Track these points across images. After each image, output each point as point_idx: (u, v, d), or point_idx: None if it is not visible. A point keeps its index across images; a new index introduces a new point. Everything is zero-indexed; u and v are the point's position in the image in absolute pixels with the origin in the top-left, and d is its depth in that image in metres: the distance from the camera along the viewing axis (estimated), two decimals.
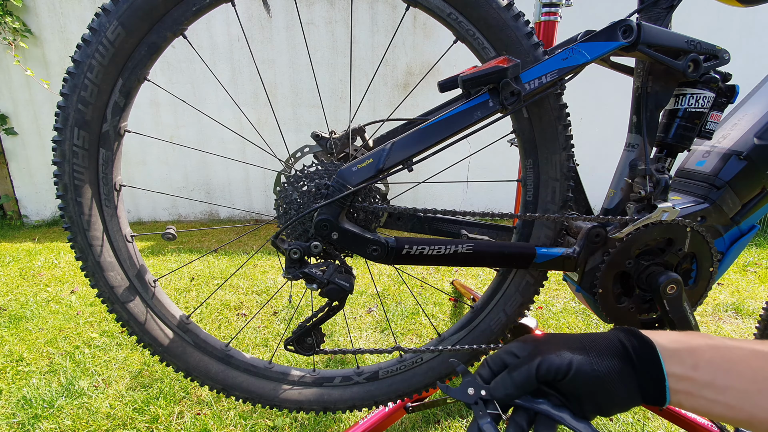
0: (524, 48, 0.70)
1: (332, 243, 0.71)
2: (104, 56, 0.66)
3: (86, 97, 0.67)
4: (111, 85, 0.68)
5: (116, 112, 0.70)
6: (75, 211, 0.72)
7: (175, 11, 0.67)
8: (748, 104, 0.90)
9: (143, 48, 0.68)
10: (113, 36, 0.65)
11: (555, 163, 0.75)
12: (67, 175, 0.70)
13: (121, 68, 0.68)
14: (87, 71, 0.66)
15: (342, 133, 0.83)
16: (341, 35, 3.29)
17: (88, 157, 0.70)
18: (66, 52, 3.24)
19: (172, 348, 0.82)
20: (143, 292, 0.80)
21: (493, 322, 0.87)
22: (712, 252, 0.79)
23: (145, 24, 0.66)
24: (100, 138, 0.71)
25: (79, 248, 0.74)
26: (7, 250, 2.80)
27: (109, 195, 0.74)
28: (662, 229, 0.76)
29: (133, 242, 0.80)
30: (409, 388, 0.89)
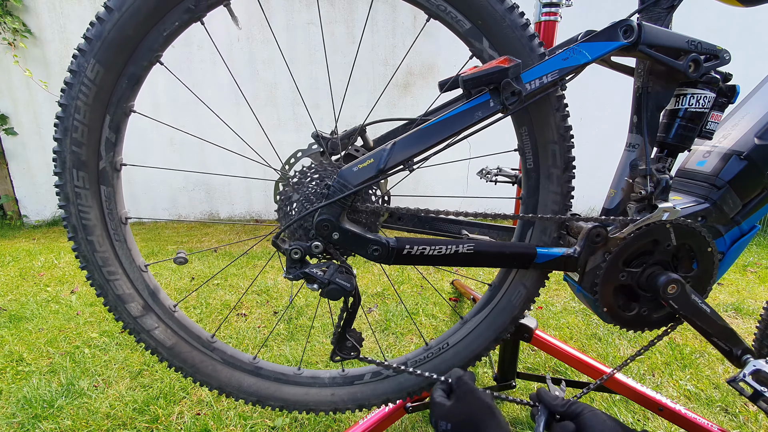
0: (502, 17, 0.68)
1: (333, 243, 0.71)
2: (88, 96, 0.67)
3: (78, 138, 0.68)
4: (100, 123, 0.69)
5: (109, 148, 0.72)
6: (88, 250, 0.74)
7: (147, 40, 0.67)
8: (749, 104, 0.90)
9: (124, 81, 0.69)
10: (93, 74, 0.66)
11: (551, 125, 0.74)
12: (75, 217, 0.72)
13: (107, 104, 0.69)
14: (74, 113, 0.67)
15: (342, 133, 0.83)
16: (341, 35, 3.29)
17: (90, 196, 0.72)
18: (66, 52, 3.24)
19: (202, 368, 0.84)
20: (166, 318, 0.82)
21: (513, 296, 0.85)
22: (712, 252, 0.79)
23: (121, 57, 0.67)
24: (99, 176, 0.72)
25: (98, 285, 0.76)
26: (7, 250, 2.80)
27: (117, 229, 0.76)
28: (647, 231, 0.76)
29: (147, 271, 0.81)
30: (439, 376, 0.88)
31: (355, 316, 0.78)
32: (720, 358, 1.58)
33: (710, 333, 0.81)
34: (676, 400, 1.36)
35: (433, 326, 1.81)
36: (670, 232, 0.75)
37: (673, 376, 1.47)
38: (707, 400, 1.35)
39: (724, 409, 1.32)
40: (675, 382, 1.45)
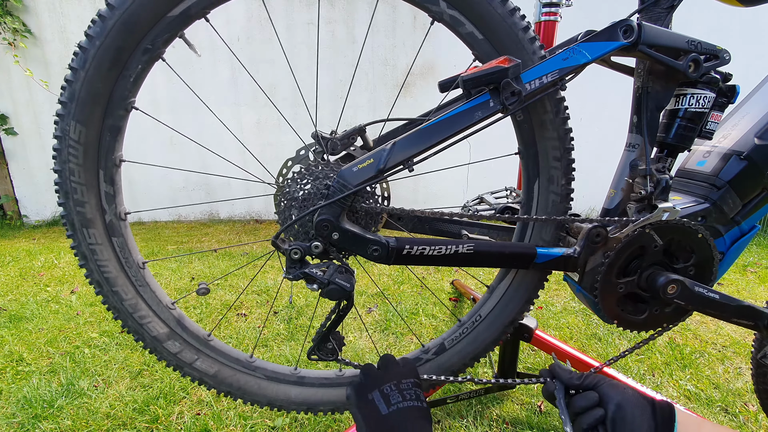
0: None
1: (333, 243, 0.71)
2: (78, 156, 0.69)
3: (80, 198, 0.71)
4: (96, 179, 0.72)
5: (110, 200, 0.74)
6: (116, 300, 0.77)
7: (117, 89, 0.68)
8: (749, 104, 0.90)
9: (106, 134, 0.70)
10: (76, 135, 0.68)
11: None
12: (96, 272, 0.75)
13: (97, 160, 0.71)
14: (70, 176, 0.69)
15: (342, 133, 0.83)
16: (341, 35, 3.29)
17: (105, 250, 0.75)
18: (66, 52, 3.24)
19: (248, 389, 0.86)
20: (204, 348, 0.85)
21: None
22: (713, 251, 0.78)
23: (97, 112, 0.68)
24: (108, 229, 0.75)
25: (134, 331, 0.79)
26: (7, 250, 2.80)
27: (137, 275, 0.78)
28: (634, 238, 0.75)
29: (175, 308, 0.84)
30: (479, 348, 0.88)
31: (342, 319, 0.77)
32: (720, 358, 1.58)
33: (727, 316, 0.81)
34: (676, 400, 1.36)
35: (433, 326, 1.81)
36: (652, 235, 0.75)
37: (673, 376, 1.47)
38: (707, 400, 1.35)
39: (724, 409, 1.32)
40: (675, 382, 1.45)
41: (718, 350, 1.65)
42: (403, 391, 0.66)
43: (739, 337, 1.74)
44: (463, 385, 1.44)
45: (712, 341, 1.70)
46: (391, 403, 0.64)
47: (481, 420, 1.27)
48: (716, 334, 1.76)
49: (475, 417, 1.28)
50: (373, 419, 0.62)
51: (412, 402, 0.64)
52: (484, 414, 1.29)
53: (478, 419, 1.27)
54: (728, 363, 1.56)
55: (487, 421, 1.27)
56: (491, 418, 1.28)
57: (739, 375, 1.49)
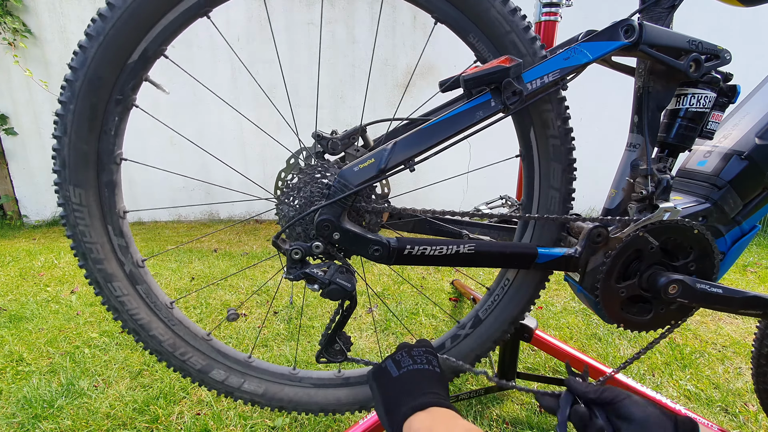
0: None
1: (334, 243, 0.71)
2: (84, 217, 0.71)
3: (97, 257, 0.74)
4: (106, 235, 0.74)
5: (125, 251, 0.77)
6: (156, 344, 0.80)
7: (102, 146, 0.70)
8: (749, 104, 0.90)
9: (104, 190, 0.73)
10: (78, 198, 0.70)
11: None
12: (131, 322, 0.78)
13: (103, 217, 0.73)
14: (83, 237, 0.72)
15: (342, 133, 0.83)
16: (341, 35, 3.29)
17: (133, 299, 0.78)
18: (66, 52, 3.24)
19: (298, 399, 0.87)
20: (248, 370, 0.86)
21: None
22: (711, 245, 0.78)
23: (90, 172, 0.70)
24: (130, 278, 0.78)
25: (179, 368, 0.82)
26: (7, 250, 2.80)
27: (168, 315, 0.81)
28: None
29: (212, 338, 0.86)
30: (515, 310, 0.86)
31: (348, 319, 0.77)
32: (720, 358, 1.58)
33: (734, 309, 0.80)
34: (676, 400, 1.36)
35: (433, 326, 1.81)
36: (647, 237, 0.75)
37: (673, 376, 1.47)
38: (707, 400, 1.35)
39: (724, 409, 1.32)
40: (675, 382, 1.45)
41: (718, 350, 1.65)
42: (414, 356, 0.68)
43: (739, 337, 1.74)
44: (464, 384, 1.44)
45: (712, 341, 1.70)
46: (401, 366, 0.66)
47: (481, 420, 1.27)
48: (716, 334, 1.76)
49: (475, 417, 1.28)
50: (385, 383, 0.65)
51: (423, 365, 0.66)
52: (484, 414, 1.29)
53: (478, 419, 1.27)
54: (728, 363, 1.56)
55: (487, 421, 1.27)
56: (491, 418, 1.28)
57: (739, 375, 1.49)
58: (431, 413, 0.57)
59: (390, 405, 0.61)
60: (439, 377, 0.65)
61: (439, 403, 0.58)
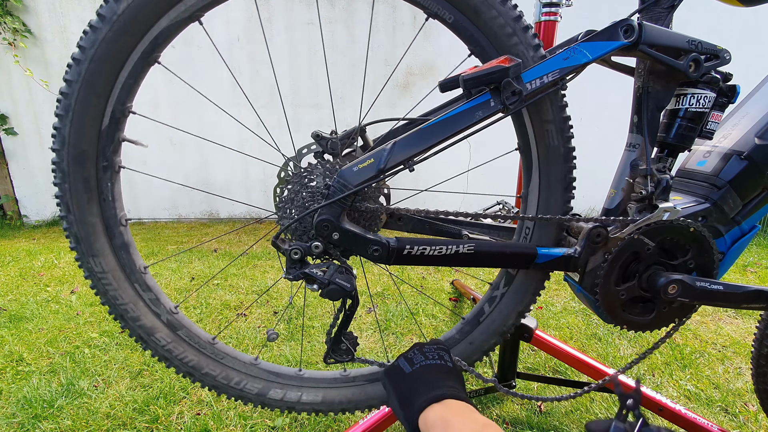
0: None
1: (333, 243, 0.71)
2: (111, 283, 0.75)
3: (134, 315, 0.77)
4: (136, 293, 0.77)
5: (157, 304, 0.79)
6: (211, 379, 0.83)
7: (106, 213, 0.73)
8: (749, 104, 0.90)
9: (121, 252, 0.76)
10: (99, 267, 0.74)
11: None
12: (183, 366, 0.81)
13: (128, 278, 0.77)
14: (116, 301, 0.76)
15: (342, 133, 0.83)
16: (341, 35, 3.29)
17: (178, 344, 0.81)
18: (66, 52, 3.24)
19: (357, 398, 0.88)
20: (302, 383, 0.87)
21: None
22: (708, 242, 0.78)
23: (103, 240, 0.74)
24: (170, 327, 0.81)
25: (239, 396, 0.84)
26: (7, 250, 2.80)
27: (214, 351, 0.83)
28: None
29: (259, 361, 0.87)
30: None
31: (351, 319, 0.77)
32: (720, 358, 1.58)
33: (737, 304, 0.80)
34: (676, 400, 1.36)
35: (433, 326, 1.81)
36: (642, 239, 0.75)
37: (673, 376, 1.47)
38: (707, 400, 1.35)
39: (724, 409, 1.32)
40: (675, 382, 1.45)
41: (718, 350, 1.65)
42: (426, 353, 0.68)
43: (739, 337, 1.74)
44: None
45: (712, 341, 1.70)
46: (414, 363, 0.66)
47: None
48: (716, 334, 1.76)
49: None
50: (398, 379, 0.65)
51: (435, 360, 0.66)
52: (485, 414, 1.29)
53: None
54: (728, 363, 1.56)
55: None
56: (491, 418, 1.28)
57: (739, 375, 1.49)
58: (446, 405, 0.57)
59: (405, 400, 0.61)
60: (453, 371, 0.65)
61: (454, 395, 0.58)
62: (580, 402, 1.34)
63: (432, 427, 0.54)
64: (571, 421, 1.26)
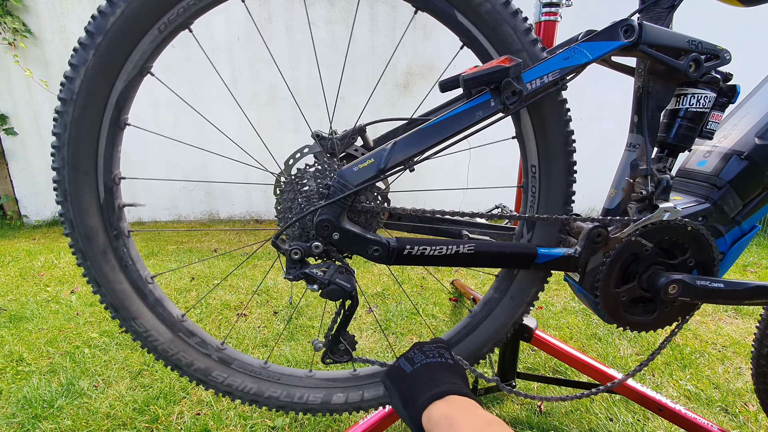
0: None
1: (333, 243, 0.71)
2: (157, 338, 0.78)
3: (188, 361, 0.80)
4: (182, 341, 0.80)
5: (204, 345, 0.82)
6: (265, 399, 0.84)
7: (133, 282, 0.77)
8: (749, 104, 0.90)
9: (157, 308, 0.79)
10: (142, 327, 0.78)
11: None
12: (243, 395, 0.83)
13: (169, 328, 0.79)
14: (167, 354, 0.79)
15: (342, 133, 0.83)
16: (341, 35, 3.29)
17: (236, 377, 0.83)
18: (66, 52, 3.24)
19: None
20: (359, 382, 0.88)
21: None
22: (707, 240, 0.78)
23: (137, 303, 0.77)
24: (222, 362, 0.83)
25: (299, 408, 0.85)
26: (7, 250, 2.80)
27: (262, 372, 0.85)
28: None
29: (313, 372, 0.88)
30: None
31: (351, 319, 0.77)
32: (720, 358, 1.58)
33: (739, 301, 0.80)
34: (676, 400, 1.36)
35: (433, 326, 1.81)
36: (640, 241, 0.75)
37: (673, 376, 1.47)
38: (707, 400, 1.35)
39: (724, 409, 1.32)
40: (675, 382, 1.45)
41: (718, 350, 1.65)
42: (426, 351, 0.68)
43: (739, 337, 1.74)
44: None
45: (712, 341, 1.70)
46: (414, 362, 0.66)
47: None
48: (716, 334, 1.76)
49: None
50: (400, 379, 0.65)
51: (435, 359, 0.66)
52: None
53: None
54: (728, 363, 1.56)
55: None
56: None
57: (739, 375, 1.49)
58: (450, 401, 0.56)
59: (407, 398, 0.61)
60: (454, 368, 0.65)
61: (457, 391, 0.58)
62: (580, 402, 1.34)
63: (436, 424, 0.54)
64: (571, 421, 1.26)
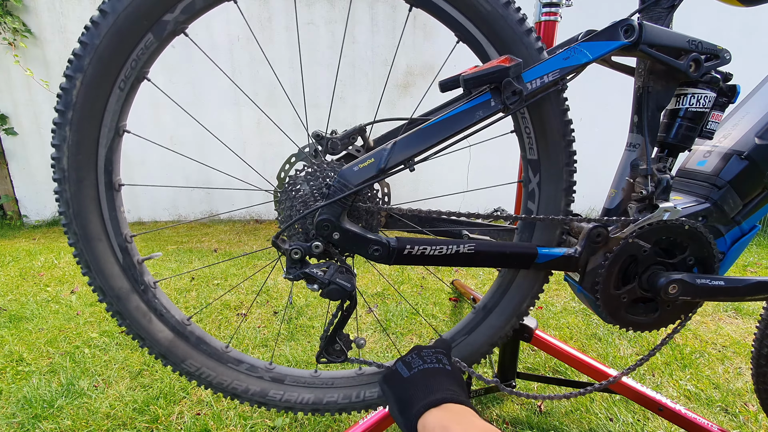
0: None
1: (333, 243, 0.71)
2: (196, 362, 0.82)
3: (223, 383, 0.83)
4: (222, 364, 0.83)
5: (238, 362, 0.84)
6: (307, 405, 0.86)
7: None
8: (749, 104, 0.90)
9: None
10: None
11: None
12: (279, 404, 0.85)
13: (215, 357, 0.83)
14: (206, 378, 0.82)
15: (342, 132, 0.83)
16: (341, 35, 3.29)
17: (280, 389, 0.86)
18: (66, 52, 3.24)
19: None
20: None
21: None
22: (705, 237, 0.78)
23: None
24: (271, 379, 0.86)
25: (340, 410, 0.86)
26: (7, 250, 2.80)
27: (317, 381, 0.87)
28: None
29: (364, 371, 0.89)
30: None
31: (348, 319, 0.77)
32: (720, 358, 1.58)
33: (740, 297, 0.80)
34: (676, 400, 1.36)
35: (433, 326, 1.81)
36: (638, 242, 0.75)
37: (673, 376, 1.47)
38: (707, 400, 1.35)
39: (724, 409, 1.32)
40: (675, 382, 1.45)
41: (718, 350, 1.65)
42: (424, 356, 0.68)
43: (739, 337, 1.74)
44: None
45: (712, 341, 1.70)
46: (412, 367, 0.66)
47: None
48: (716, 334, 1.76)
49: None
50: (397, 384, 0.65)
51: (433, 364, 0.66)
52: (484, 414, 1.29)
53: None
54: (728, 363, 1.56)
55: (487, 421, 1.27)
56: (491, 418, 1.28)
57: (739, 375, 1.49)
58: (446, 409, 0.56)
59: (403, 404, 0.61)
60: (452, 375, 0.65)
61: (454, 399, 0.58)
62: (581, 402, 1.34)
63: None
64: (571, 421, 1.26)
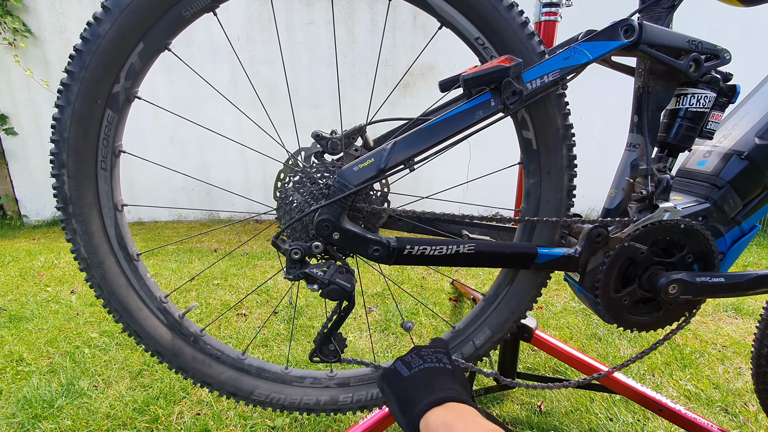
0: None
1: (333, 243, 0.71)
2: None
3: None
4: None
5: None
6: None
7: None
8: (749, 104, 0.90)
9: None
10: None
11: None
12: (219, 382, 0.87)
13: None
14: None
15: (342, 132, 0.83)
16: (341, 35, 3.29)
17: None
18: (66, 52, 3.24)
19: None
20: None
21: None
22: (710, 243, 0.78)
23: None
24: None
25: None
26: (7, 250, 2.80)
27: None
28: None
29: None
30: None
31: (344, 320, 0.78)
32: (720, 358, 1.58)
33: (742, 293, 0.80)
34: (676, 400, 1.36)
35: (433, 326, 1.81)
36: (634, 245, 0.75)
37: (673, 376, 1.47)
38: (707, 400, 1.35)
39: (724, 409, 1.32)
40: (675, 382, 1.45)
41: (718, 350, 1.65)
42: (424, 356, 0.67)
43: (739, 337, 1.74)
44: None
45: (712, 341, 1.70)
46: (412, 367, 0.65)
47: None
48: (716, 334, 1.76)
49: None
50: (397, 383, 0.65)
51: (433, 364, 0.65)
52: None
53: None
54: (728, 363, 1.56)
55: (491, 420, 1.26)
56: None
57: (739, 375, 1.49)
58: (448, 408, 0.56)
59: (405, 404, 0.60)
60: (453, 373, 0.64)
61: (456, 398, 0.57)
62: (580, 402, 1.34)
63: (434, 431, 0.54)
64: (571, 421, 1.26)
